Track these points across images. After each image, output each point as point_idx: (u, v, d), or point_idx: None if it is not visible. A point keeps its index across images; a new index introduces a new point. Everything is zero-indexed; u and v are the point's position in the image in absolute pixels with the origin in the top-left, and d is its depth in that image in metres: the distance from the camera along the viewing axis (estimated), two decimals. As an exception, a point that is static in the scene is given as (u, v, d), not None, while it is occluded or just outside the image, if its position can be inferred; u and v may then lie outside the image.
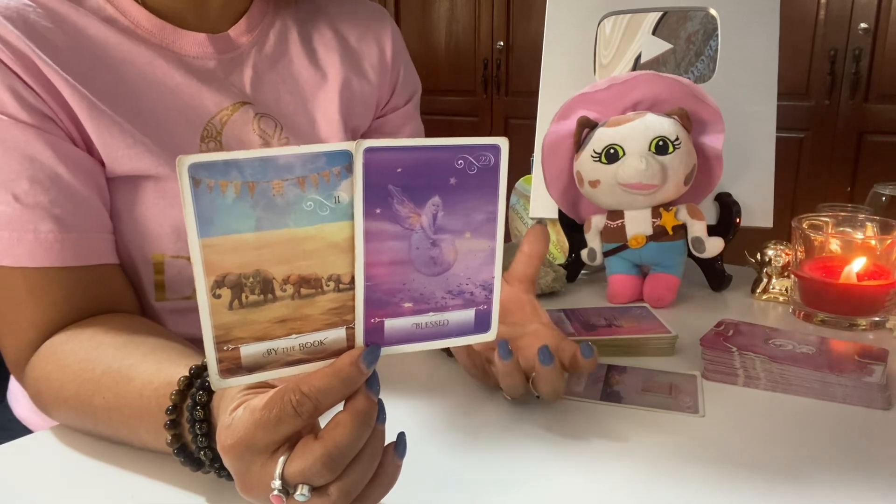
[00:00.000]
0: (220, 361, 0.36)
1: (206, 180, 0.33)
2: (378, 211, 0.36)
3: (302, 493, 0.38)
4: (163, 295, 0.65)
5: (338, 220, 0.36)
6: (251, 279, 0.35)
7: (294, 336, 0.37)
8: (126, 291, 0.63)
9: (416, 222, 0.37)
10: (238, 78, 0.70)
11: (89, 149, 0.61)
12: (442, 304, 0.40)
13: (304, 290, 0.36)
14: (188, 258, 0.64)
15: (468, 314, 0.41)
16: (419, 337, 0.40)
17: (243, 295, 0.35)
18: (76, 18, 0.62)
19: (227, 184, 0.33)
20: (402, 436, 0.42)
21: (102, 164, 0.62)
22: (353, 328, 0.39)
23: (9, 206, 0.56)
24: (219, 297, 0.35)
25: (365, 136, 0.81)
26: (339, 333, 0.38)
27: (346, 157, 0.35)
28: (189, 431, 0.45)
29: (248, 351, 0.37)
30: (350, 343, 0.39)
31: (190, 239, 0.33)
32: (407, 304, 0.39)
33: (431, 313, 0.40)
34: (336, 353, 0.39)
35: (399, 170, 0.36)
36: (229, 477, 0.42)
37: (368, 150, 0.35)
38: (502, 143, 0.38)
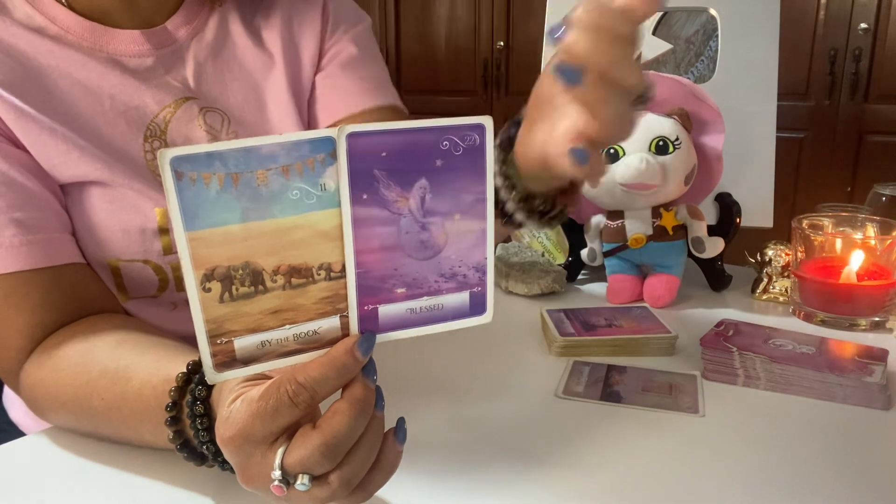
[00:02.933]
0: (214, 355, 0.36)
1: (188, 173, 0.32)
2: (365, 196, 0.36)
3: (302, 482, 0.38)
4: (125, 296, 0.64)
5: (325, 208, 0.35)
6: (240, 271, 0.35)
7: (287, 326, 0.37)
8: (105, 289, 0.62)
9: (404, 206, 0.37)
10: (179, 73, 0.68)
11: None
12: (435, 287, 0.40)
13: (294, 280, 0.36)
14: (142, 261, 0.63)
15: (462, 297, 0.40)
16: (414, 322, 0.40)
17: (233, 287, 0.35)
18: (2, 30, 0.61)
19: (211, 176, 0.33)
20: (401, 421, 0.42)
21: None
22: (347, 316, 0.38)
23: None
24: (209, 290, 0.34)
25: (311, 93, 0.78)
26: (333, 322, 0.38)
27: (330, 144, 0.35)
28: (190, 427, 0.44)
29: (242, 343, 0.36)
30: (345, 331, 0.39)
31: (176, 233, 0.33)
32: (400, 290, 0.39)
33: (425, 298, 0.40)
34: (331, 343, 0.38)
35: (384, 154, 0.36)
36: (233, 470, 0.42)
37: (352, 136, 0.35)
38: (487, 122, 0.37)
